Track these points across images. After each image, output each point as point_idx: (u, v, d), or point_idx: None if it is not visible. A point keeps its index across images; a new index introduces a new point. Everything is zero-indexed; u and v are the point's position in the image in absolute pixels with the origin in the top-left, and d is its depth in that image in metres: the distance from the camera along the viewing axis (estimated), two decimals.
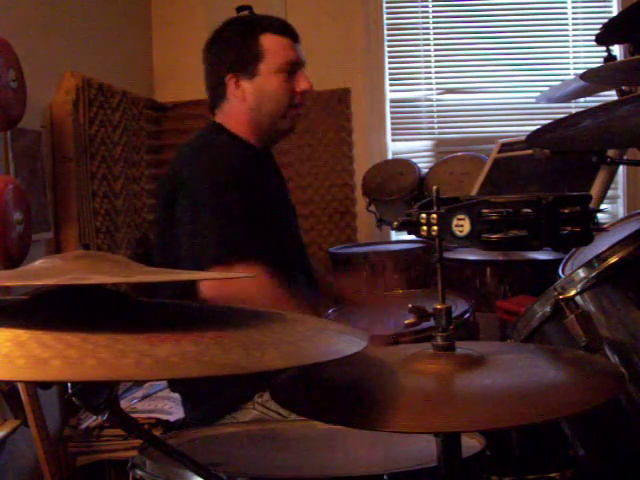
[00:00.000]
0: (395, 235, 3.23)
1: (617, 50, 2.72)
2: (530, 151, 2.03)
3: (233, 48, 1.86)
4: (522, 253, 1.98)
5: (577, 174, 1.95)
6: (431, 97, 3.38)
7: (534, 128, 1.22)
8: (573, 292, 1.10)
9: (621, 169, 3.12)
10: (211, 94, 1.93)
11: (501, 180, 2.24)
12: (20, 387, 1.85)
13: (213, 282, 1.61)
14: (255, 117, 1.86)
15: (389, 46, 3.36)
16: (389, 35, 3.36)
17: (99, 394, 0.75)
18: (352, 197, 3.32)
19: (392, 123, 3.36)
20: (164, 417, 2.18)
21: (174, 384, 1.89)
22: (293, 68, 1.86)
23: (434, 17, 3.36)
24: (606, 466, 1.20)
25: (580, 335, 1.05)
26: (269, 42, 1.85)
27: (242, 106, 1.86)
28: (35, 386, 1.80)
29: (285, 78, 1.85)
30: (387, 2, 3.35)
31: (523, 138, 1.41)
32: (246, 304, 0.96)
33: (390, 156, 3.32)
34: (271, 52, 1.84)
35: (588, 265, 1.10)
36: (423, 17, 3.37)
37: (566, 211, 0.81)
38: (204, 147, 1.82)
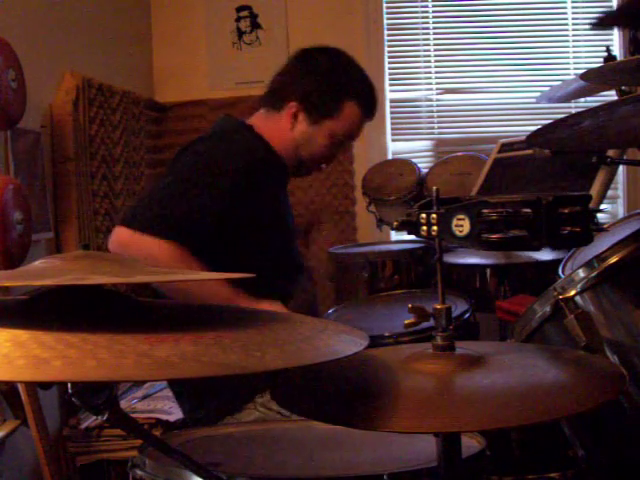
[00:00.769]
0: (395, 235, 3.23)
1: (617, 50, 2.72)
2: (530, 151, 2.03)
3: (317, 89, 1.83)
4: (522, 253, 1.98)
5: (577, 174, 1.95)
6: (431, 97, 3.38)
7: (534, 128, 1.22)
8: (573, 292, 1.10)
9: (621, 169, 3.12)
10: (269, 94, 1.89)
11: (501, 180, 2.24)
12: (20, 387, 1.85)
13: (123, 237, 1.60)
14: (289, 148, 1.86)
15: (389, 46, 3.36)
16: (389, 35, 3.36)
17: (99, 394, 0.75)
18: (352, 197, 3.33)
19: (392, 123, 3.36)
20: (164, 417, 2.18)
21: (174, 384, 1.89)
22: (344, 143, 1.90)
23: (434, 17, 3.36)
24: (606, 466, 1.20)
25: (580, 335, 1.05)
26: (350, 110, 1.85)
27: (286, 131, 1.85)
28: (35, 386, 1.80)
29: (332, 144, 1.87)
30: (387, 2, 3.35)
31: (523, 138, 1.41)
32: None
33: (390, 156, 3.32)
34: (344, 119, 1.85)
35: (588, 265, 1.10)
36: (423, 17, 3.37)
37: (566, 211, 0.81)
38: (222, 135, 1.81)
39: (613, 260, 1.08)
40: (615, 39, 3.20)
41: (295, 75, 1.86)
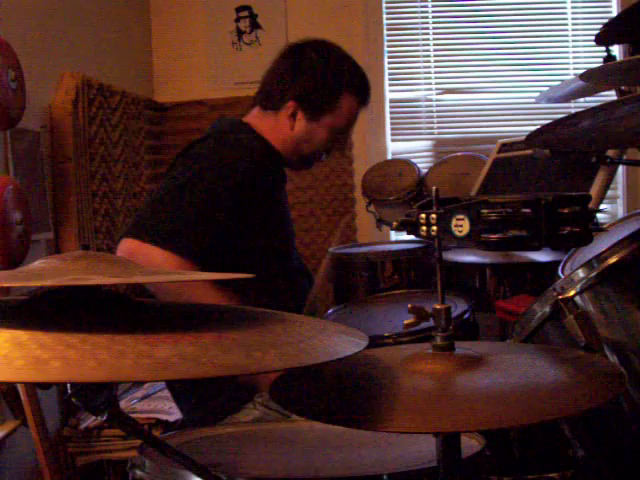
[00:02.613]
0: (395, 235, 3.23)
1: (617, 50, 2.72)
2: (530, 151, 2.03)
3: (314, 86, 1.83)
4: (521, 253, 1.98)
5: (577, 174, 1.95)
6: (430, 97, 3.39)
7: (534, 128, 1.22)
8: (572, 292, 1.10)
9: (621, 169, 3.12)
10: (264, 98, 1.88)
11: (501, 180, 2.24)
12: (19, 387, 1.85)
13: (129, 247, 1.60)
14: (289, 146, 1.86)
15: (389, 46, 3.36)
16: (389, 35, 3.36)
17: (98, 395, 0.75)
18: (351, 197, 3.33)
19: (391, 123, 3.36)
20: (164, 417, 2.18)
21: (173, 383, 1.89)
22: (342, 134, 1.91)
23: (434, 17, 3.37)
24: (606, 466, 1.20)
25: (579, 335, 1.05)
26: (347, 102, 1.85)
27: (285, 130, 1.84)
28: (35, 386, 1.80)
29: (331, 137, 1.87)
30: (387, 2, 3.35)
31: (523, 138, 1.41)
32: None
33: (389, 156, 3.32)
34: (342, 112, 1.85)
35: (587, 265, 1.10)
36: (423, 17, 3.37)
37: (565, 211, 0.81)
38: (224, 137, 1.80)
39: (613, 260, 1.08)
40: None
41: (289, 74, 1.85)
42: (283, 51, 1.90)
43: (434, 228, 0.88)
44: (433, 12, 3.37)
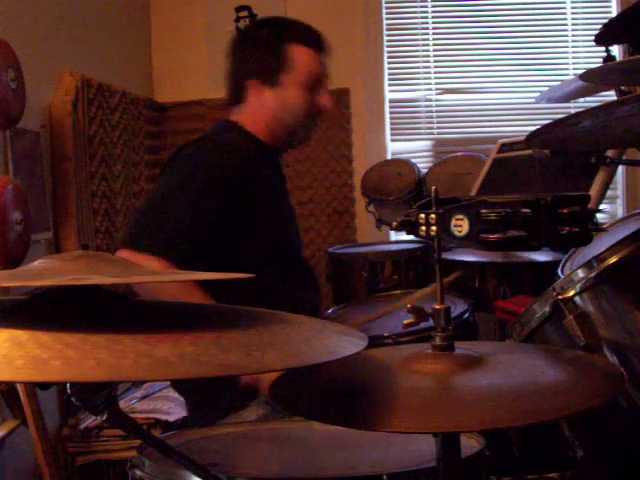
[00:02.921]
0: (394, 235, 3.23)
1: (616, 50, 2.72)
2: (529, 151, 2.03)
3: (258, 54, 1.83)
4: (521, 253, 1.98)
5: (576, 174, 1.95)
6: (430, 97, 3.38)
7: (533, 128, 1.22)
8: (572, 292, 1.10)
9: (620, 169, 3.12)
10: (230, 94, 1.90)
11: (500, 180, 2.24)
12: (19, 387, 1.85)
13: (127, 257, 1.59)
14: (272, 124, 1.85)
15: (388, 46, 3.36)
16: (388, 35, 3.36)
17: (98, 394, 0.75)
18: (351, 197, 3.33)
19: (391, 123, 3.36)
20: (163, 417, 2.18)
21: (177, 382, 1.89)
22: (316, 83, 1.84)
23: (434, 17, 3.36)
24: (605, 466, 1.20)
25: (579, 335, 1.05)
26: (296, 53, 1.82)
27: (261, 111, 1.84)
28: (34, 386, 1.80)
29: (308, 92, 1.83)
30: (387, 2, 3.35)
31: (522, 138, 1.41)
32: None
33: (389, 156, 3.32)
34: (296, 65, 1.81)
35: (587, 265, 1.10)
36: (423, 17, 3.37)
37: (565, 211, 0.81)
38: (210, 138, 1.82)
39: (612, 260, 1.08)
40: None
41: (234, 62, 1.87)
42: (230, 43, 1.91)
43: (433, 228, 0.88)
44: (433, 12, 3.37)
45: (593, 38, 1.54)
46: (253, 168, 1.76)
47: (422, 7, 3.37)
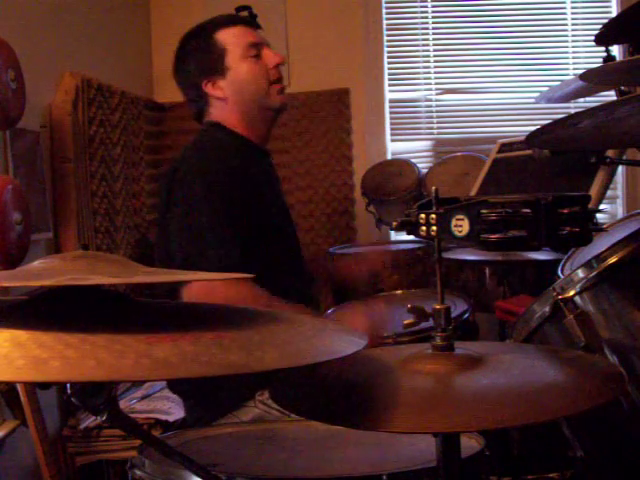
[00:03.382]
0: (394, 235, 3.23)
1: (616, 50, 2.72)
2: (529, 151, 2.03)
3: (197, 56, 1.91)
4: (521, 253, 1.98)
5: (576, 174, 1.95)
6: (430, 97, 3.38)
7: (533, 128, 1.22)
8: (572, 292, 1.10)
9: (620, 169, 3.12)
10: (195, 106, 1.97)
11: (500, 180, 2.24)
12: (19, 387, 1.85)
13: (203, 285, 1.60)
14: (241, 108, 1.89)
15: (388, 46, 3.36)
16: (388, 35, 3.36)
17: (98, 394, 0.75)
18: (351, 197, 3.32)
19: (391, 123, 3.36)
20: (163, 417, 2.18)
21: (173, 384, 1.89)
22: (256, 50, 1.91)
23: (434, 17, 3.36)
24: (605, 466, 1.20)
25: (579, 335, 1.05)
26: (224, 36, 1.90)
27: (226, 105, 1.89)
28: (34, 386, 1.80)
29: (253, 61, 1.90)
30: (387, 2, 3.35)
31: (522, 138, 1.41)
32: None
33: (389, 156, 3.32)
34: (229, 44, 1.89)
35: (587, 265, 1.10)
36: (422, 17, 3.37)
37: (565, 211, 0.81)
38: (200, 145, 1.86)
39: (612, 260, 1.08)
40: None
41: (182, 78, 1.96)
42: (173, 74, 2.00)
43: (434, 228, 0.88)
44: (433, 12, 3.36)
45: (593, 38, 1.54)
46: (238, 172, 1.80)
47: (422, 7, 3.37)
